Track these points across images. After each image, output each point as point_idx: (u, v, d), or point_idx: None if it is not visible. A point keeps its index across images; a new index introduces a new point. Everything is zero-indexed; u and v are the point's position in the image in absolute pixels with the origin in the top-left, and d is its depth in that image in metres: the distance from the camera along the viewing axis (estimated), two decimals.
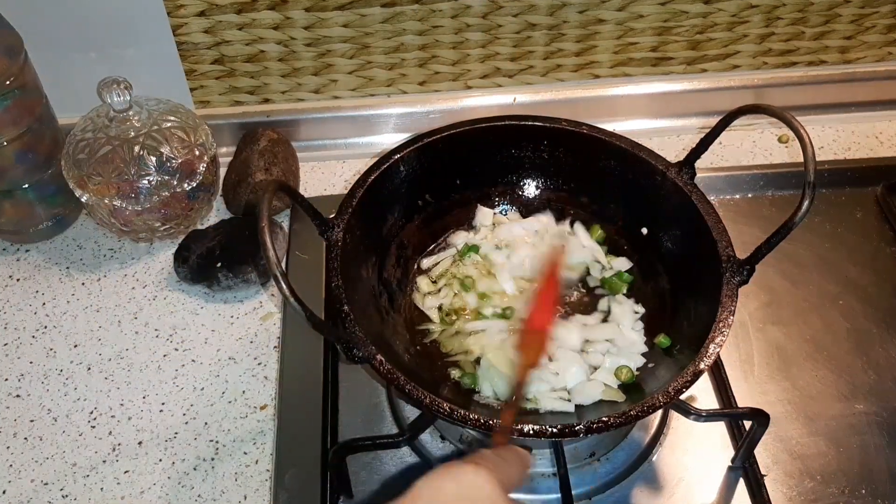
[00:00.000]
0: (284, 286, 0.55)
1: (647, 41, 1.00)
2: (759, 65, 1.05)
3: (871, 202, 0.97)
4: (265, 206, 0.57)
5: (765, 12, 0.99)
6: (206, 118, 0.95)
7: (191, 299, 0.89)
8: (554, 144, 0.83)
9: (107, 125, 0.86)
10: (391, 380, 0.63)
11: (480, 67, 1.01)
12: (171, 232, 0.92)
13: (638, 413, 0.61)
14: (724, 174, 0.99)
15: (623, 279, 0.80)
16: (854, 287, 0.88)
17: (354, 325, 0.65)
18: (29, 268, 0.92)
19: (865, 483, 0.73)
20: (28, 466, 0.76)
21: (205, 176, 0.90)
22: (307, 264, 0.89)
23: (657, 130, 1.07)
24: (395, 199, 0.80)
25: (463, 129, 0.80)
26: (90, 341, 0.85)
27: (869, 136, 1.07)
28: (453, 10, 0.94)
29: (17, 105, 0.84)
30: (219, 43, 0.95)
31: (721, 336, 0.64)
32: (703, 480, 0.74)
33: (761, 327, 0.85)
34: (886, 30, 1.03)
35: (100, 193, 0.86)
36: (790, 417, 0.78)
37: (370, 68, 1.00)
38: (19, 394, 0.81)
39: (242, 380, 0.81)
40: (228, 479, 0.74)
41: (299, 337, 0.83)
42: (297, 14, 0.93)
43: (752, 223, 0.93)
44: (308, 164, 1.03)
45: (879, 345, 0.84)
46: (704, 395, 0.79)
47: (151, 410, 0.79)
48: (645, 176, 0.78)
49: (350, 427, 0.77)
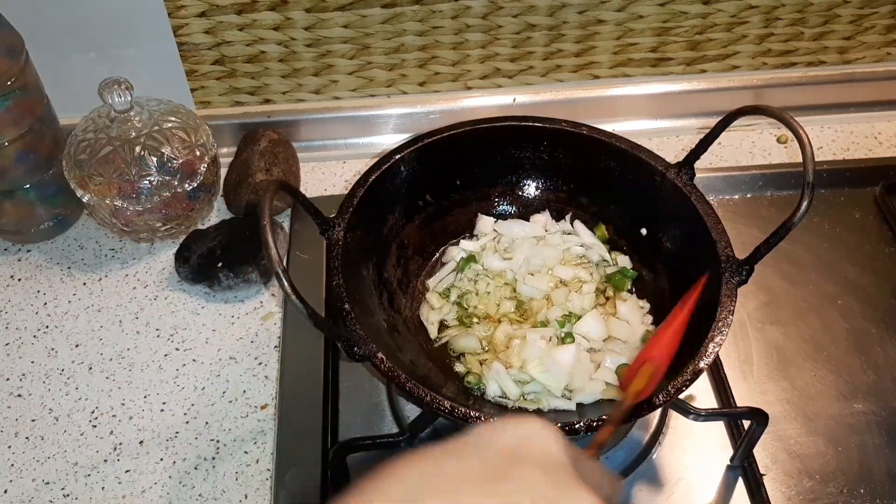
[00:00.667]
0: (286, 283, 0.55)
1: (646, 42, 1.01)
2: (758, 65, 1.05)
3: (870, 202, 0.97)
4: (267, 205, 0.58)
5: (764, 13, 0.99)
6: (206, 118, 0.95)
7: (192, 299, 0.89)
8: (554, 145, 0.83)
9: (108, 125, 0.86)
10: (392, 378, 0.63)
11: (480, 68, 1.01)
12: (172, 232, 0.92)
13: (637, 412, 0.61)
14: (723, 174, 0.99)
15: (628, 275, 0.81)
16: (853, 287, 0.89)
17: (355, 323, 0.65)
18: (30, 268, 0.92)
19: (864, 482, 0.74)
20: (29, 466, 0.76)
21: (205, 176, 0.90)
22: (308, 264, 0.90)
23: (656, 131, 1.07)
24: (396, 199, 0.80)
25: (463, 130, 0.81)
26: (91, 341, 0.85)
27: (868, 137, 1.07)
28: (453, 11, 0.94)
29: (19, 105, 0.84)
30: (219, 43, 0.95)
31: (720, 336, 0.64)
32: (702, 479, 0.74)
33: (760, 327, 0.85)
34: (885, 30, 1.03)
35: (101, 194, 0.86)
36: (789, 417, 0.78)
37: (370, 69, 1.00)
38: (21, 393, 0.81)
39: (243, 379, 0.82)
40: (229, 478, 0.74)
41: (300, 337, 0.83)
42: (298, 15, 0.93)
43: (751, 223, 0.94)
44: (308, 165, 1.03)
45: (878, 344, 0.84)
46: (703, 394, 0.79)
47: (152, 410, 0.79)
48: (644, 177, 0.79)
49: (350, 426, 0.78)
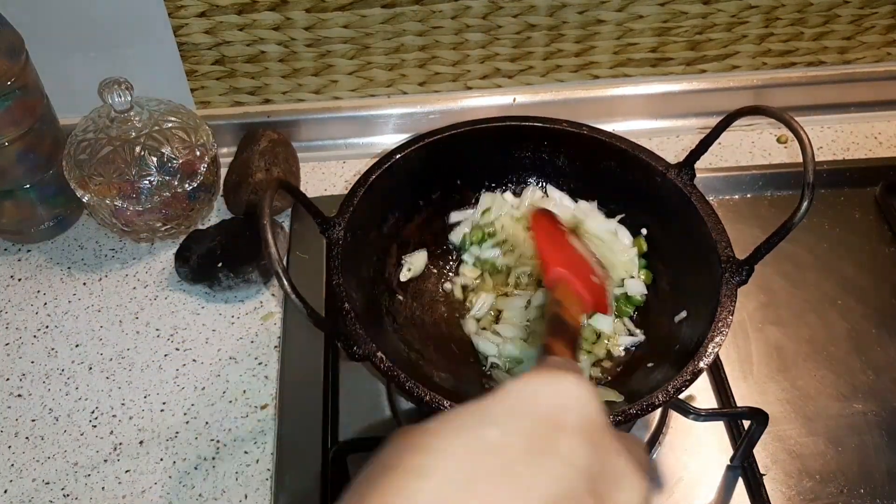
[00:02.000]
0: (286, 282, 0.55)
1: (646, 42, 1.01)
2: (758, 65, 1.05)
3: (870, 202, 0.97)
4: (267, 204, 0.58)
5: (764, 13, 0.99)
6: (206, 118, 0.95)
7: (192, 299, 0.89)
8: (554, 145, 0.83)
9: (108, 126, 0.87)
10: (391, 377, 0.63)
11: (480, 68, 1.01)
12: (172, 232, 0.92)
13: (637, 412, 0.61)
14: (724, 174, 0.99)
15: (633, 302, 0.80)
16: (853, 287, 0.89)
17: (355, 322, 0.65)
18: (30, 268, 0.92)
19: (864, 482, 0.74)
20: (29, 466, 0.76)
21: (205, 176, 0.90)
22: (308, 264, 0.90)
23: (657, 131, 1.07)
24: (396, 199, 0.80)
25: (463, 130, 0.81)
26: (91, 341, 0.85)
27: (868, 137, 1.07)
28: (453, 11, 0.94)
29: (19, 105, 0.84)
30: (219, 43, 0.95)
31: (720, 336, 0.64)
32: (702, 479, 0.74)
33: (760, 327, 0.85)
34: (885, 30, 1.03)
35: (101, 194, 0.86)
36: (789, 417, 0.78)
37: (370, 69, 1.00)
38: (21, 393, 0.81)
39: (243, 379, 0.82)
40: (229, 478, 0.74)
41: (300, 337, 0.83)
42: (298, 15, 0.93)
43: (751, 223, 0.94)
44: (308, 165, 1.03)
45: (878, 345, 0.84)
46: (703, 394, 0.79)
47: (152, 410, 0.80)
48: (645, 177, 0.79)
49: (350, 426, 0.78)
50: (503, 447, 0.35)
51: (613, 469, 0.37)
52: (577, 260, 0.62)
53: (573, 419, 0.37)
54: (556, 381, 0.39)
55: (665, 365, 0.70)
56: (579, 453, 0.36)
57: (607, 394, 0.71)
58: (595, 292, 0.59)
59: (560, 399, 0.38)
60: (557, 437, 0.36)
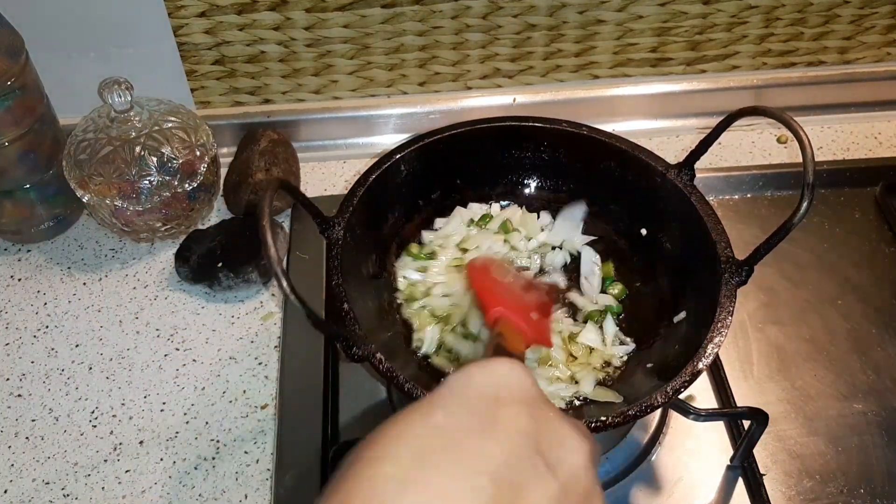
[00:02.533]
0: (285, 283, 0.55)
1: (646, 42, 1.01)
2: (758, 65, 1.05)
3: (870, 202, 0.97)
4: (266, 205, 0.57)
5: (764, 13, 0.99)
6: (206, 118, 0.95)
7: (192, 299, 0.89)
8: (554, 145, 0.83)
9: (108, 126, 0.87)
10: (390, 378, 0.63)
11: (480, 68, 1.01)
12: (172, 232, 0.92)
13: (637, 413, 0.61)
14: (723, 174, 0.99)
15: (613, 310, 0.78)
16: (853, 287, 0.89)
17: (354, 323, 0.65)
18: (30, 268, 0.92)
19: (864, 482, 0.74)
20: (29, 466, 0.76)
21: (205, 176, 0.90)
22: (308, 265, 0.90)
23: (657, 131, 1.07)
24: (396, 199, 0.80)
25: (463, 130, 0.81)
26: (91, 341, 0.85)
27: (868, 137, 1.07)
28: (453, 11, 0.94)
29: (19, 105, 0.84)
30: (219, 43, 0.95)
31: (720, 336, 0.64)
32: (702, 480, 0.74)
33: (760, 327, 0.85)
34: (885, 30, 1.03)
35: (101, 194, 0.86)
36: (789, 417, 0.78)
37: (370, 69, 1.00)
38: (21, 393, 0.81)
39: (243, 379, 0.82)
40: (229, 478, 0.74)
41: (300, 337, 0.83)
42: (298, 15, 0.93)
43: (750, 223, 0.94)
44: (308, 165, 1.03)
45: (878, 345, 0.84)
46: (703, 394, 0.79)
47: (152, 410, 0.80)
48: (645, 177, 0.79)
49: (350, 427, 0.78)
50: (448, 425, 0.38)
51: (556, 431, 0.40)
52: (516, 299, 0.65)
53: (510, 393, 0.41)
54: (492, 365, 0.43)
55: (665, 365, 0.70)
56: (521, 420, 0.39)
57: (607, 395, 0.71)
58: (535, 327, 0.61)
59: (496, 378, 0.42)
60: (497, 409, 0.40)
